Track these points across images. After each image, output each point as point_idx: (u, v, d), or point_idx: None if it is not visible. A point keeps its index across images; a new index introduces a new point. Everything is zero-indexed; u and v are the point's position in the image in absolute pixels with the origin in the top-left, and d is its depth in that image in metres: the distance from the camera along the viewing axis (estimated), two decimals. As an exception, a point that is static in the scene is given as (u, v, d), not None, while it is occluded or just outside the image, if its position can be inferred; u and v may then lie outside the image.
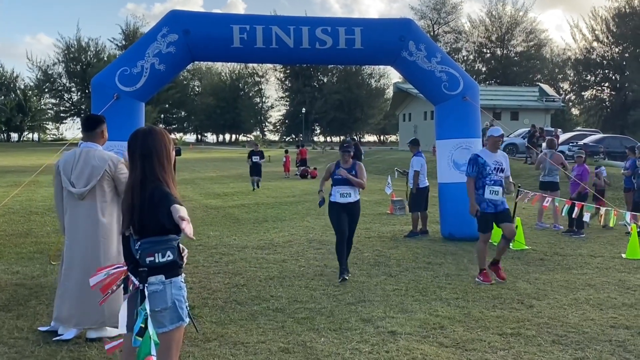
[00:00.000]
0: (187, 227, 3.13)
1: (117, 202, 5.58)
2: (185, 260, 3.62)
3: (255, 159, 22.55)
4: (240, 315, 6.50)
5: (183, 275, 3.60)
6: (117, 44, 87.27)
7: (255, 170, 22.44)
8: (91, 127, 5.62)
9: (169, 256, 3.40)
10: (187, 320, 3.57)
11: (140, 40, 10.70)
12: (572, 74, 75.29)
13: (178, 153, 4.26)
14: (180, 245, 3.57)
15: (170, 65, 10.45)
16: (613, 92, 69.52)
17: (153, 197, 3.39)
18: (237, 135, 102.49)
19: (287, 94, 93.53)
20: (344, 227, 8.17)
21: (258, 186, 22.11)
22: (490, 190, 7.97)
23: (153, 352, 3.00)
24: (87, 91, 77.59)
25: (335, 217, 8.21)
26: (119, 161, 5.51)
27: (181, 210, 3.24)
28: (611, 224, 10.46)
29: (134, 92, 10.11)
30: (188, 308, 3.62)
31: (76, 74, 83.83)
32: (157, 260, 3.39)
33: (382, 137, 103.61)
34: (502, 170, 8.09)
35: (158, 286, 3.41)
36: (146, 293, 3.34)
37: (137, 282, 3.46)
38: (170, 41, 10.26)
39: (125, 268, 3.69)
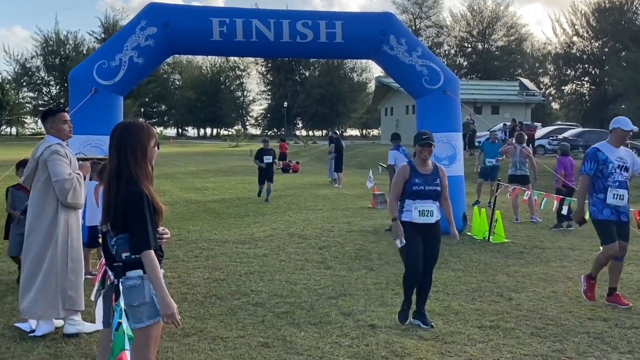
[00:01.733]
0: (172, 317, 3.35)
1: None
2: (167, 237, 3.58)
3: (268, 159, 16.75)
4: (220, 310, 6.46)
5: (162, 270, 3.57)
6: (96, 37, 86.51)
7: (266, 174, 16.66)
8: (42, 120, 5.70)
9: None
10: (165, 315, 3.53)
11: (118, 33, 10.58)
12: (552, 69, 75.86)
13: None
14: (160, 227, 3.54)
15: (149, 59, 10.34)
16: (593, 87, 70.16)
17: (126, 196, 3.36)
18: (219, 130, 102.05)
19: (268, 87, 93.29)
20: (420, 261, 5.91)
21: (268, 195, 16.53)
22: (614, 195, 6.57)
23: (127, 346, 2.97)
24: (66, 85, 76.58)
25: (410, 243, 5.86)
26: (51, 152, 5.38)
27: (157, 281, 3.36)
28: (586, 217, 10.49)
29: (112, 86, 10.00)
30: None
31: (55, 67, 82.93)
32: (133, 256, 3.35)
33: (364, 132, 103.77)
34: (626, 169, 6.67)
35: (136, 281, 3.38)
36: (121, 288, 3.31)
37: (112, 277, 3.43)
38: (148, 34, 10.15)
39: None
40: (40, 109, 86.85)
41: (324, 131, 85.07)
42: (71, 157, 5.57)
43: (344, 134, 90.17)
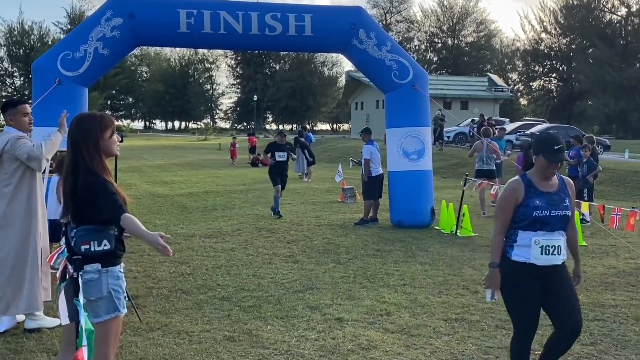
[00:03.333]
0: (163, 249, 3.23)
1: (33, 184, 5.38)
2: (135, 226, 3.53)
3: (281, 156, 13.19)
4: (186, 304, 6.40)
5: (122, 265, 3.52)
6: (61, 28, 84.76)
7: (280, 174, 13.18)
8: (1, 111, 5.53)
9: (105, 245, 3.33)
10: (125, 310, 3.48)
11: (83, 24, 10.41)
12: (520, 65, 76.89)
13: (120, 140, 4.14)
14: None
15: (115, 50, 10.19)
16: (560, 83, 71.37)
17: (88, 185, 3.30)
18: (187, 123, 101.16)
19: (238, 81, 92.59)
20: (537, 322, 4.10)
21: (274, 203, 12.94)
22: None
23: (83, 342, 2.92)
24: (30, 76, 74.83)
25: (524, 294, 4.03)
26: (16, 139, 5.24)
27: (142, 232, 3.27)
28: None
29: (76, 77, 9.83)
30: (127, 299, 3.54)
31: (19, 58, 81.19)
32: (92, 249, 3.30)
33: (334, 126, 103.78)
34: None
35: (93, 275, 3.33)
36: (80, 282, 3.25)
37: (72, 271, 3.37)
38: (114, 25, 9.99)
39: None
40: (3, 100, 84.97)
41: (294, 125, 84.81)
42: None
43: (314, 128, 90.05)
